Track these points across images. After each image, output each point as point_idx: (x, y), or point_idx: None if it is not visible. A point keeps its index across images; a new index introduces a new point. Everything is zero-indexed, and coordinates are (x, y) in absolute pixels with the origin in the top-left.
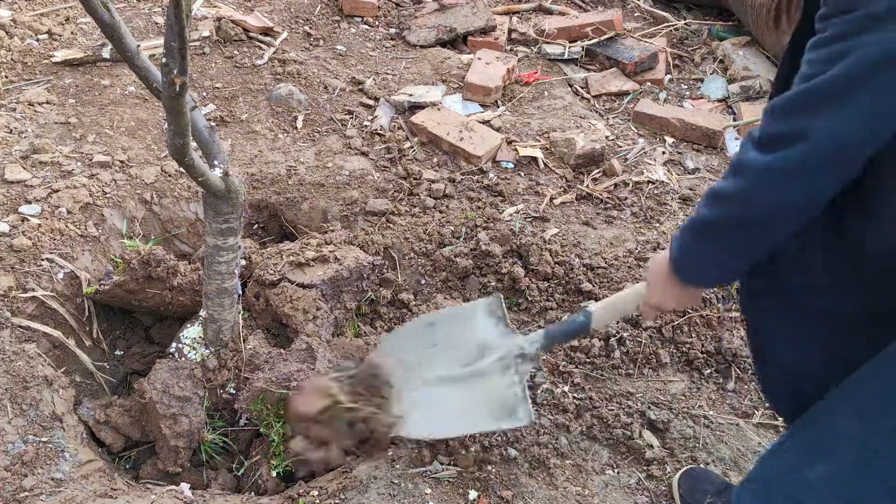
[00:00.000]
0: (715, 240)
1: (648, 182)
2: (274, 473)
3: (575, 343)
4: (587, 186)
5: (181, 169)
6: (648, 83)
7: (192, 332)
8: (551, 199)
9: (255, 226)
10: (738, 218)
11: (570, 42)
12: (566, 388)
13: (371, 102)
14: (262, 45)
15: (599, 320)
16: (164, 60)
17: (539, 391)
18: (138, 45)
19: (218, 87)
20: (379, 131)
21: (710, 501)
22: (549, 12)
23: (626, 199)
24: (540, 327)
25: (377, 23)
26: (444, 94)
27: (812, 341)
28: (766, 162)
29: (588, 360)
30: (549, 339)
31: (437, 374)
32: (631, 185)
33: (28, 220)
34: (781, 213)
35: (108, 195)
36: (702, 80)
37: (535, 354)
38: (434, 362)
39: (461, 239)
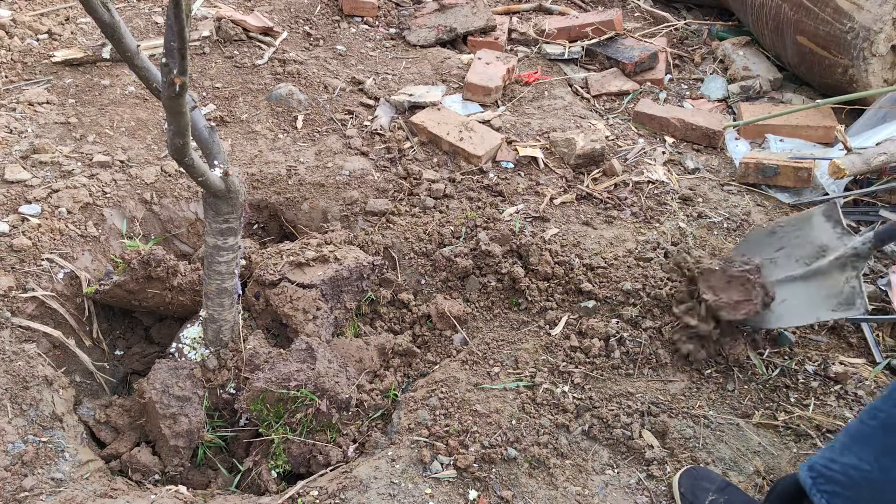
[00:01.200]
0: None
1: (648, 182)
2: (274, 473)
3: (575, 343)
4: (587, 186)
5: (181, 169)
6: (648, 83)
7: (192, 332)
8: (551, 199)
9: (255, 226)
10: None
11: (570, 42)
12: (566, 388)
13: (371, 102)
14: (262, 45)
15: None
16: (164, 60)
17: (540, 390)
18: (138, 45)
19: (218, 87)
20: (379, 131)
21: (712, 499)
22: (549, 12)
23: (626, 199)
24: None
25: (377, 23)
26: (444, 94)
27: None
28: None
29: (588, 360)
30: (879, 238)
31: (784, 275)
32: (631, 185)
33: (28, 220)
34: None
35: (108, 195)
36: (702, 80)
37: (868, 252)
38: (779, 265)
39: (461, 239)
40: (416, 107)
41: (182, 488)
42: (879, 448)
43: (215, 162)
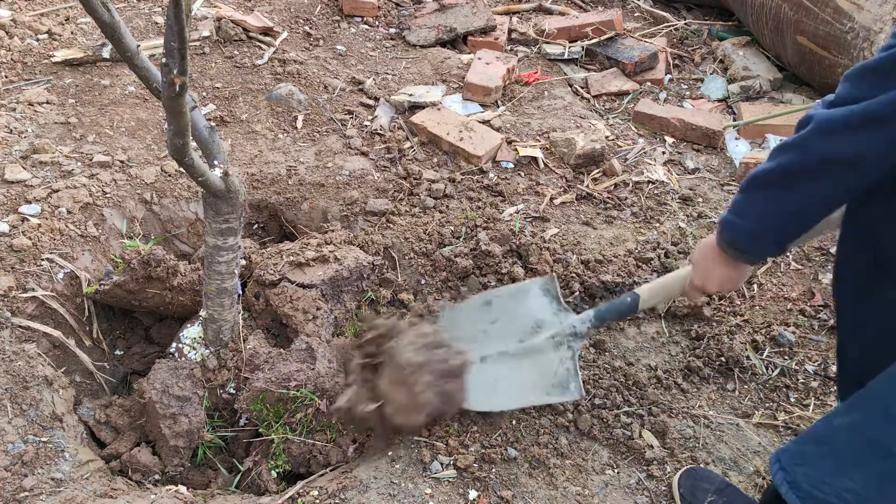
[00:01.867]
0: (775, 190)
1: (648, 182)
2: (274, 473)
3: None
4: (587, 186)
5: (181, 169)
6: (648, 83)
7: (192, 332)
8: (551, 199)
9: (255, 226)
10: (793, 165)
11: (570, 42)
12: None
13: (371, 102)
14: (262, 45)
15: (647, 301)
16: (163, 60)
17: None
18: (138, 45)
19: (218, 87)
20: (379, 131)
21: (711, 500)
22: (549, 12)
23: (626, 199)
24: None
25: (377, 23)
26: (444, 94)
27: None
28: (828, 113)
29: (588, 359)
30: (600, 318)
31: (495, 350)
32: (631, 185)
33: (28, 220)
34: (836, 163)
35: (108, 195)
36: (702, 80)
37: (587, 332)
38: (491, 339)
39: (461, 239)
40: (416, 107)
41: (182, 488)
42: (877, 473)
43: (215, 162)
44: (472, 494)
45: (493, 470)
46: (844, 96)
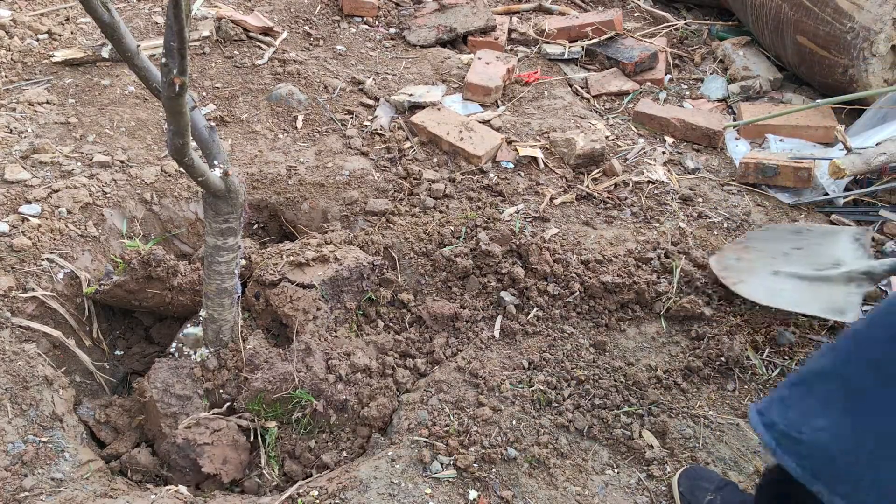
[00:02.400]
0: None
1: (648, 182)
2: (274, 473)
3: (570, 346)
4: (587, 186)
5: (181, 169)
6: (648, 83)
7: (192, 332)
8: (551, 199)
9: (255, 226)
10: None
11: (570, 42)
12: (566, 389)
13: (371, 102)
14: (262, 45)
15: None
16: (163, 60)
17: (540, 389)
18: (138, 45)
19: (218, 87)
20: (379, 131)
21: (710, 499)
22: (549, 12)
23: (626, 199)
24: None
25: (377, 23)
26: (444, 94)
27: None
28: None
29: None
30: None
31: (790, 270)
32: (631, 185)
33: (28, 220)
34: None
35: (108, 195)
36: (702, 80)
37: (882, 274)
38: (792, 261)
39: (461, 239)
40: (416, 107)
41: (182, 488)
42: (846, 410)
43: (215, 162)
44: (472, 494)
45: (493, 470)
46: None
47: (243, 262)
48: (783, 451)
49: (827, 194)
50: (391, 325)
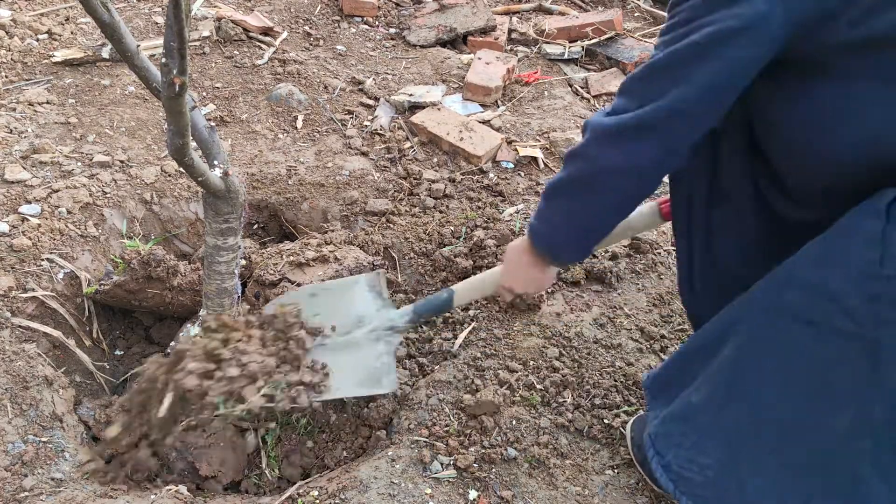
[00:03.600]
0: (565, 200)
1: None
2: (274, 473)
3: (565, 346)
4: None
5: (181, 169)
6: None
7: (192, 332)
8: None
9: (255, 226)
10: (581, 176)
11: (570, 42)
12: (566, 389)
13: (371, 102)
14: (262, 45)
15: (461, 298)
16: (163, 60)
17: (539, 388)
18: (138, 45)
19: (218, 87)
20: (379, 131)
21: None
22: (549, 12)
23: None
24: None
25: (377, 23)
26: (444, 94)
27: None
28: (603, 123)
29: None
30: (417, 314)
31: (315, 342)
32: None
33: (28, 220)
34: (615, 173)
35: (108, 195)
36: None
37: (404, 327)
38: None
39: (461, 239)
40: (416, 107)
41: (182, 488)
42: (727, 443)
43: (215, 162)
44: (472, 494)
45: (493, 470)
46: (619, 107)
47: (243, 262)
48: (681, 493)
49: None
50: None
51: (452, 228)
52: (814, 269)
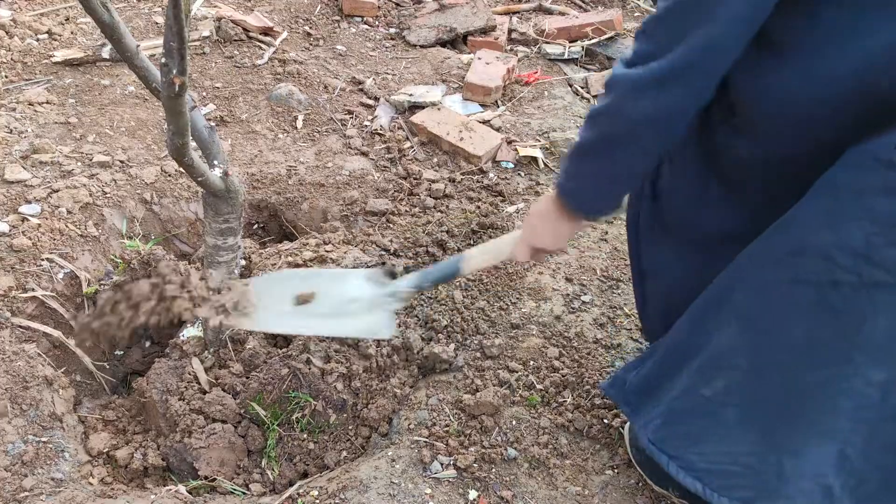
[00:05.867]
0: (594, 158)
1: None
2: (274, 473)
3: (565, 346)
4: None
5: (181, 169)
6: None
7: (192, 332)
8: None
9: (255, 226)
10: (611, 133)
11: (570, 42)
12: (566, 389)
13: (371, 102)
14: (262, 45)
15: (471, 265)
16: (163, 60)
17: (539, 388)
18: (138, 45)
19: (218, 87)
20: (379, 131)
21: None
22: (549, 12)
23: None
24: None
25: (377, 23)
26: (444, 94)
27: (690, 262)
28: (631, 76)
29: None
30: (423, 278)
31: (305, 310)
32: None
33: (28, 220)
34: (648, 124)
35: (108, 195)
36: None
37: (407, 293)
38: (297, 312)
39: (461, 239)
40: (416, 107)
41: (182, 488)
42: (762, 428)
43: (215, 162)
44: (472, 494)
45: (493, 470)
46: (643, 53)
47: (243, 262)
48: (711, 490)
49: None
50: None
51: (452, 228)
52: (828, 231)
